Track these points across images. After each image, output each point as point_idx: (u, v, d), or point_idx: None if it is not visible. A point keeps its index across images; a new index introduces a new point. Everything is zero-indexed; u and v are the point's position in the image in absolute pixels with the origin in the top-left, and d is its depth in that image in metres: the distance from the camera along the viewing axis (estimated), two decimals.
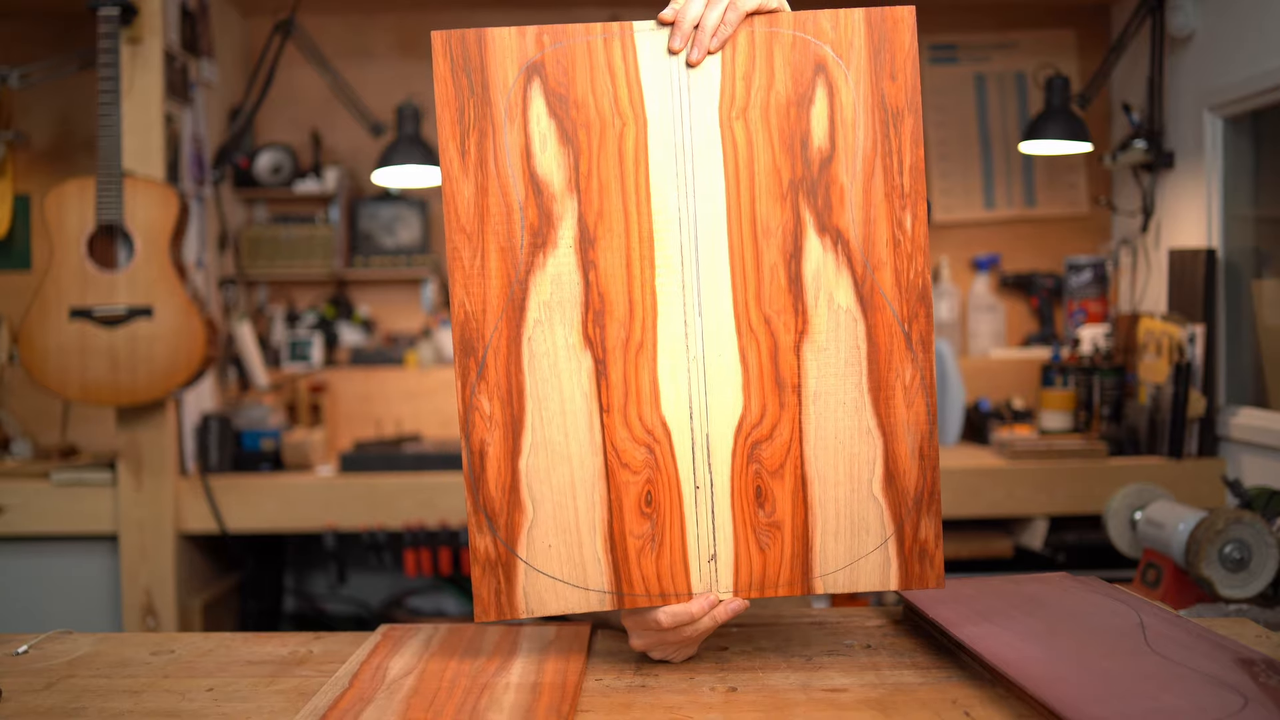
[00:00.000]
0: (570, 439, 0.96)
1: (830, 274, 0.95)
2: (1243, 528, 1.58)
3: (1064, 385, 2.95)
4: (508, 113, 0.94)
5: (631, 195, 0.95)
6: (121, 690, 1.00)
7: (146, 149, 2.58)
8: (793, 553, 0.98)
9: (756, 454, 0.96)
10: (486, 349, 0.97)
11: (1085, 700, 0.84)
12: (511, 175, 0.95)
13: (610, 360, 0.96)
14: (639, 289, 0.95)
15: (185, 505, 2.70)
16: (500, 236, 0.95)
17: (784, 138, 0.95)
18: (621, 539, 0.97)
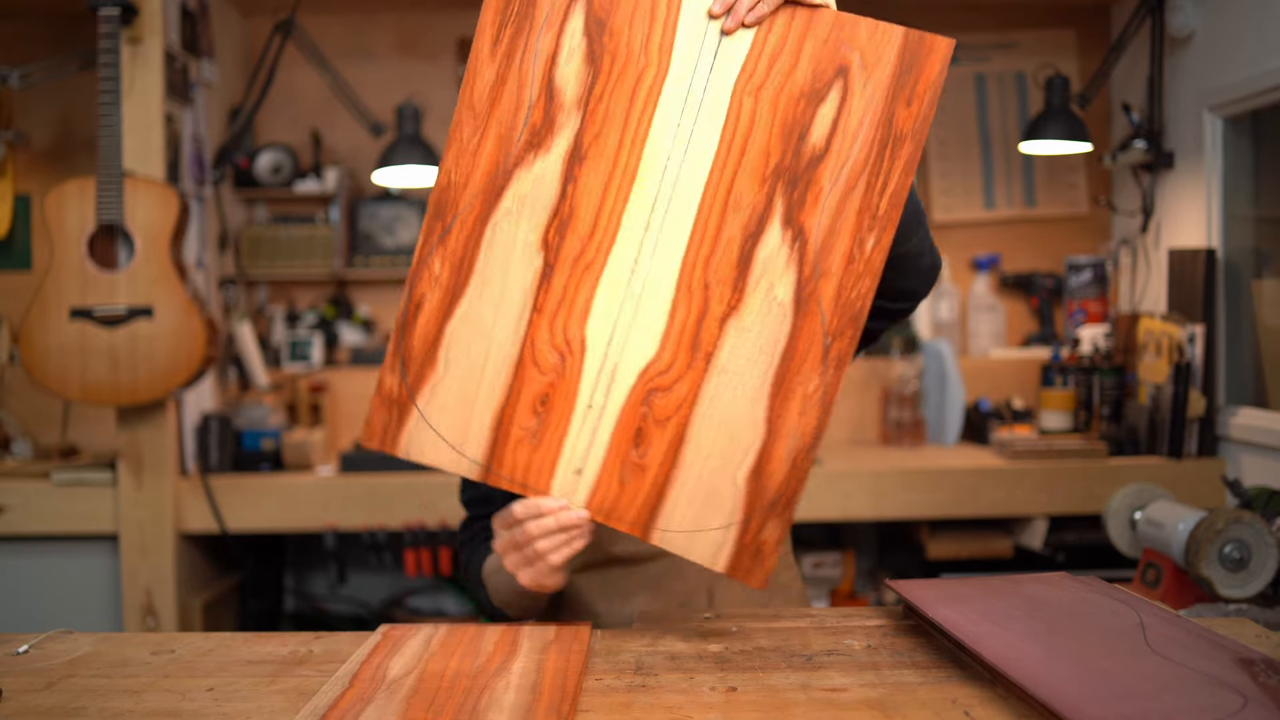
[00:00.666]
0: (498, 322, 1.02)
1: (779, 265, 0.98)
2: (1242, 528, 1.58)
3: (1064, 385, 2.95)
4: (548, 19, 0.99)
5: (630, 130, 0.99)
6: (122, 690, 1.00)
7: (147, 149, 2.58)
8: (646, 498, 1.03)
9: (651, 399, 1.01)
10: (456, 218, 1.02)
11: (1085, 700, 0.84)
12: (532, 75, 0.99)
13: (558, 268, 1.01)
14: (606, 215, 1.00)
15: (185, 505, 2.70)
16: (503, 125, 1.00)
17: (785, 125, 0.97)
18: (508, 424, 1.04)
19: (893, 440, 3.05)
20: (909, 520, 2.80)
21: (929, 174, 3.35)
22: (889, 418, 3.08)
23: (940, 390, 3.05)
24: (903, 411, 3.04)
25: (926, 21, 3.94)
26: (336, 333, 3.29)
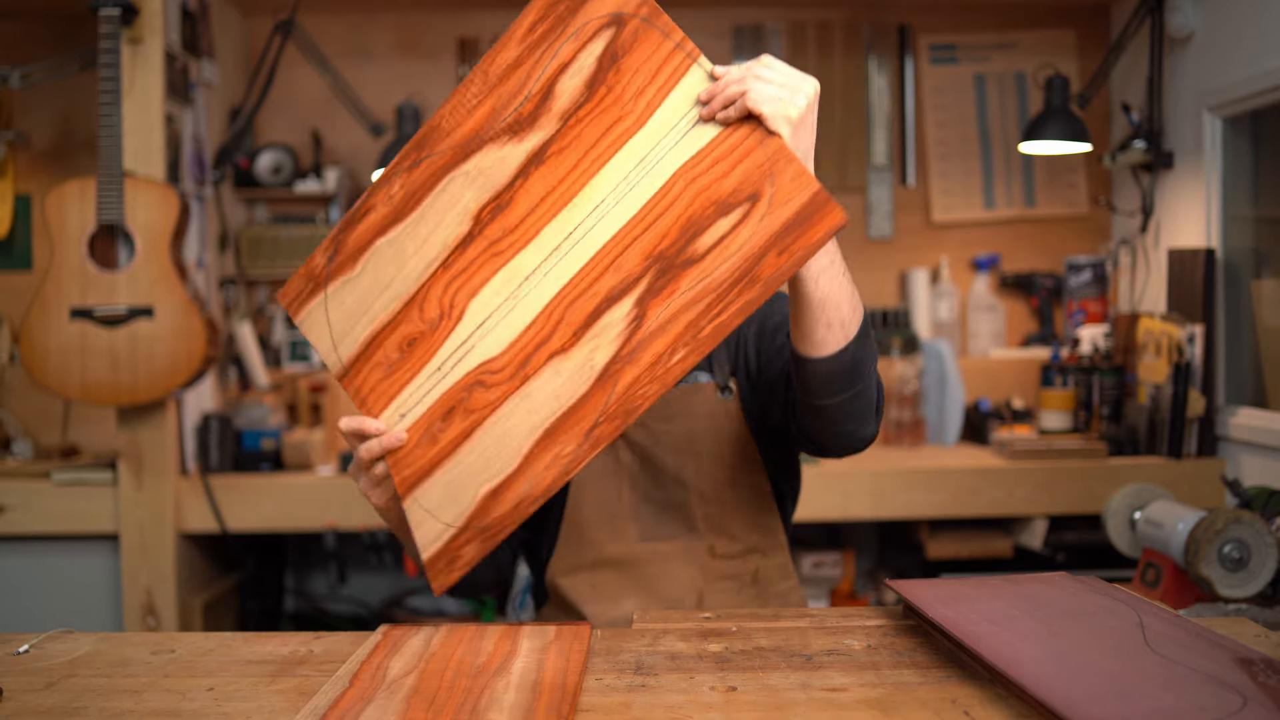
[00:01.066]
0: (412, 258, 1.13)
1: (611, 334, 1.05)
2: (1242, 527, 1.58)
3: (1064, 385, 2.95)
4: (579, 32, 1.05)
5: (588, 160, 1.06)
6: (122, 690, 1.00)
7: (147, 149, 2.58)
8: (423, 465, 1.14)
9: (473, 389, 1.12)
10: (428, 157, 1.10)
11: (1085, 700, 0.84)
12: (542, 72, 1.06)
13: (476, 242, 1.10)
14: (533, 220, 1.07)
15: (186, 505, 2.70)
16: (499, 100, 1.08)
17: (690, 220, 1.02)
18: (376, 347, 1.16)
19: (893, 440, 3.05)
20: (909, 520, 2.80)
21: (929, 174, 3.35)
22: (889, 418, 3.08)
23: (940, 390, 3.05)
24: (903, 411, 3.04)
25: (928, 21, 3.95)
26: None
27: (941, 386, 3.05)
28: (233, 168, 3.14)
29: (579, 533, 1.41)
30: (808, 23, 3.39)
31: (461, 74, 3.39)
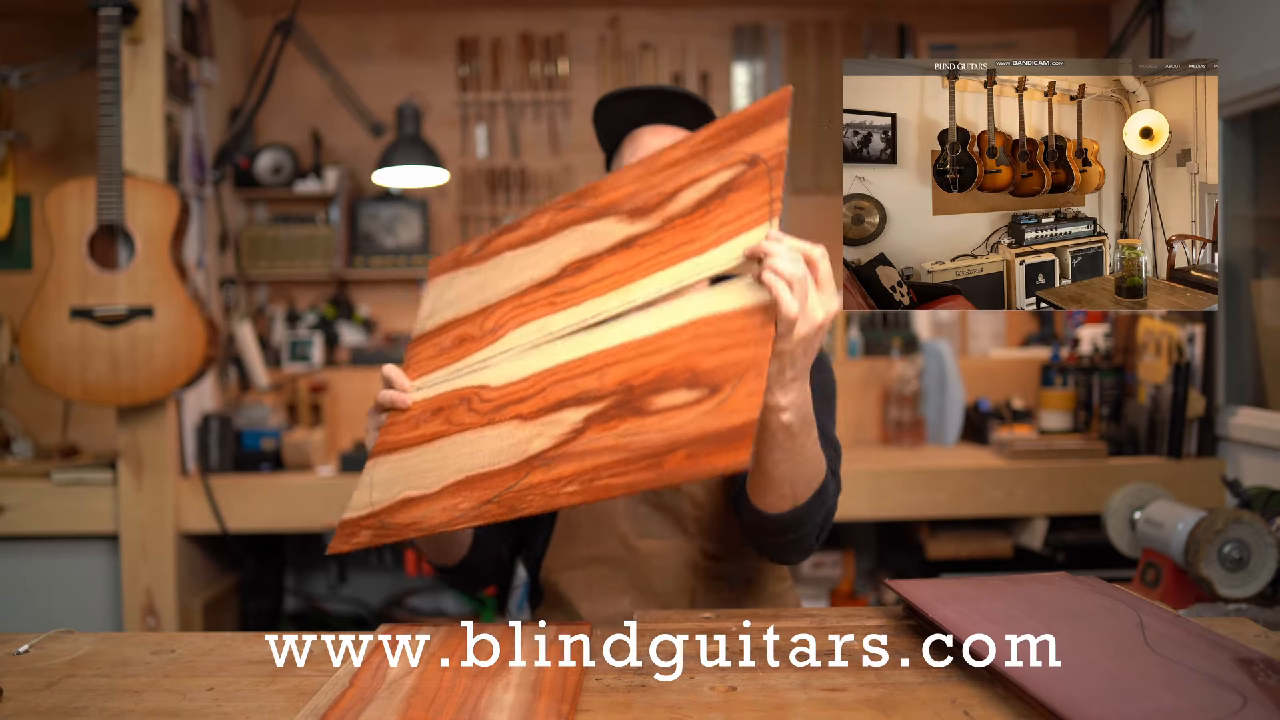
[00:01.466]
0: (512, 277, 1.20)
1: (555, 431, 1.04)
2: (1242, 527, 1.58)
3: (1063, 385, 2.95)
4: (724, 158, 1.05)
5: (650, 260, 1.06)
6: (122, 690, 1.00)
7: (147, 149, 2.58)
8: (395, 442, 1.21)
9: (462, 403, 1.17)
10: (575, 206, 1.16)
11: (1085, 700, 0.84)
12: (681, 178, 1.08)
13: (550, 286, 1.14)
14: (590, 289, 1.10)
15: (186, 505, 2.70)
16: (643, 186, 1.11)
17: (666, 373, 0.98)
18: (444, 331, 1.26)
19: (893, 440, 3.05)
20: (909, 520, 2.80)
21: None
22: (889, 417, 3.08)
23: (940, 390, 3.05)
24: (903, 411, 3.04)
25: (927, 21, 3.94)
26: (337, 333, 3.29)
27: (941, 386, 3.05)
28: (233, 168, 3.14)
29: (572, 530, 1.42)
30: (808, 22, 3.39)
31: (462, 74, 3.39)
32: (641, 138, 1.45)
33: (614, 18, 3.41)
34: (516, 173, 3.40)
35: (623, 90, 1.44)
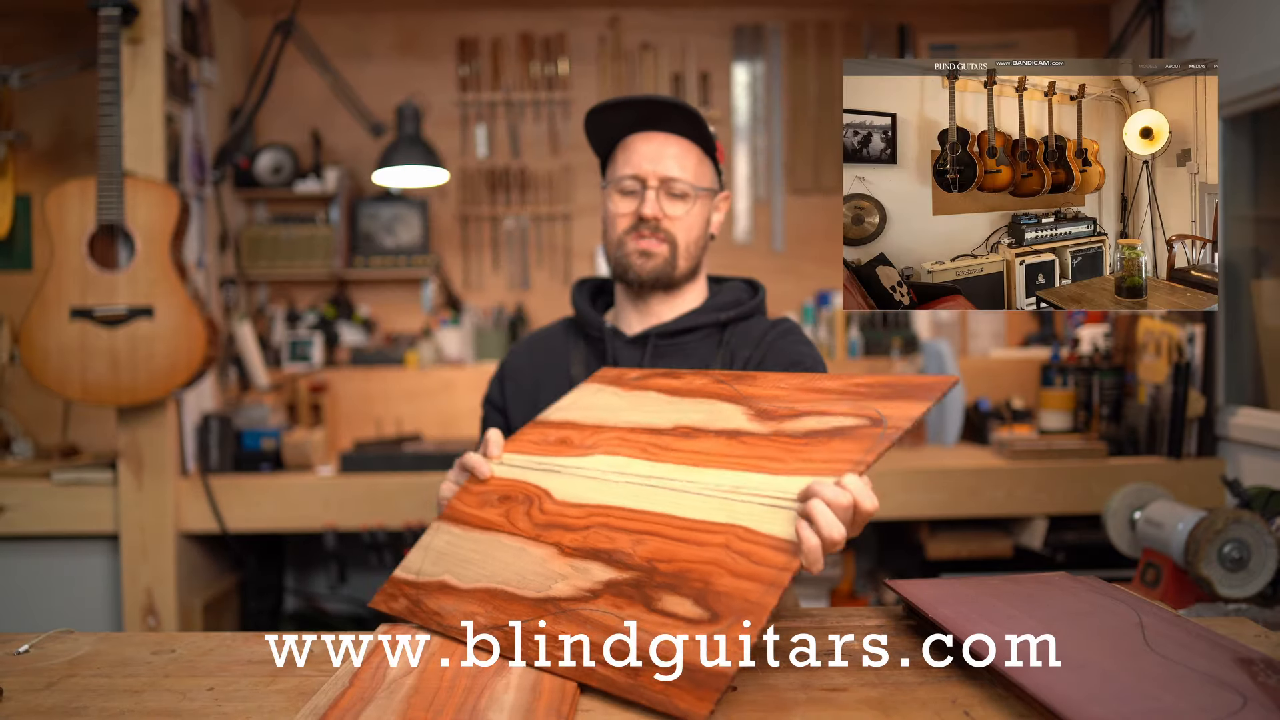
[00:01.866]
0: (636, 411, 1.22)
1: (577, 581, 1.04)
2: (1242, 527, 1.58)
3: (1063, 385, 2.95)
4: (858, 403, 1.04)
5: (736, 457, 1.05)
6: (122, 690, 1.00)
7: (147, 149, 2.58)
8: (462, 514, 1.25)
9: (526, 501, 1.20)
10: (724, 383, 1.20)
11: (1085, 700, 0.84)
12: (811, 406, 1.09)
13: (652, 435, 1.16)
14: (675, 453, 1.11)
15: (186, 505, 2.70)
16: (783, 395, 1.13)
17: (685, 571, 0.96)
18: (559, 426, 1.29)
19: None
20: (909, 520, 2.80)
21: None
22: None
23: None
24: None
25: (927, 21, 3.93)
26: (337, 333, 3.29)
27: None
28: (233, 168, 3.14)
29: None
30: (808, 23, 3.39)
31: (462, 74, 3.39)
32: (634, 144, 1.47)
33: (614, 18, 3.41)
34: (516, 173, 3.40)
35: (613, 101, 1.46)
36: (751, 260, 3.39)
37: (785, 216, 3.44)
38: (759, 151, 3.43)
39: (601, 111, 1.47)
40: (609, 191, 1.50)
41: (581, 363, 1.55)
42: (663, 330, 1.50)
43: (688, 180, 1.47)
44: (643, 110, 1.46)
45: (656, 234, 1.46)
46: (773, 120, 3.42)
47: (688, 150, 1.48)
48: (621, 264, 1.49)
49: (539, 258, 3.43)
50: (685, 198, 1.47)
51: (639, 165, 1.46)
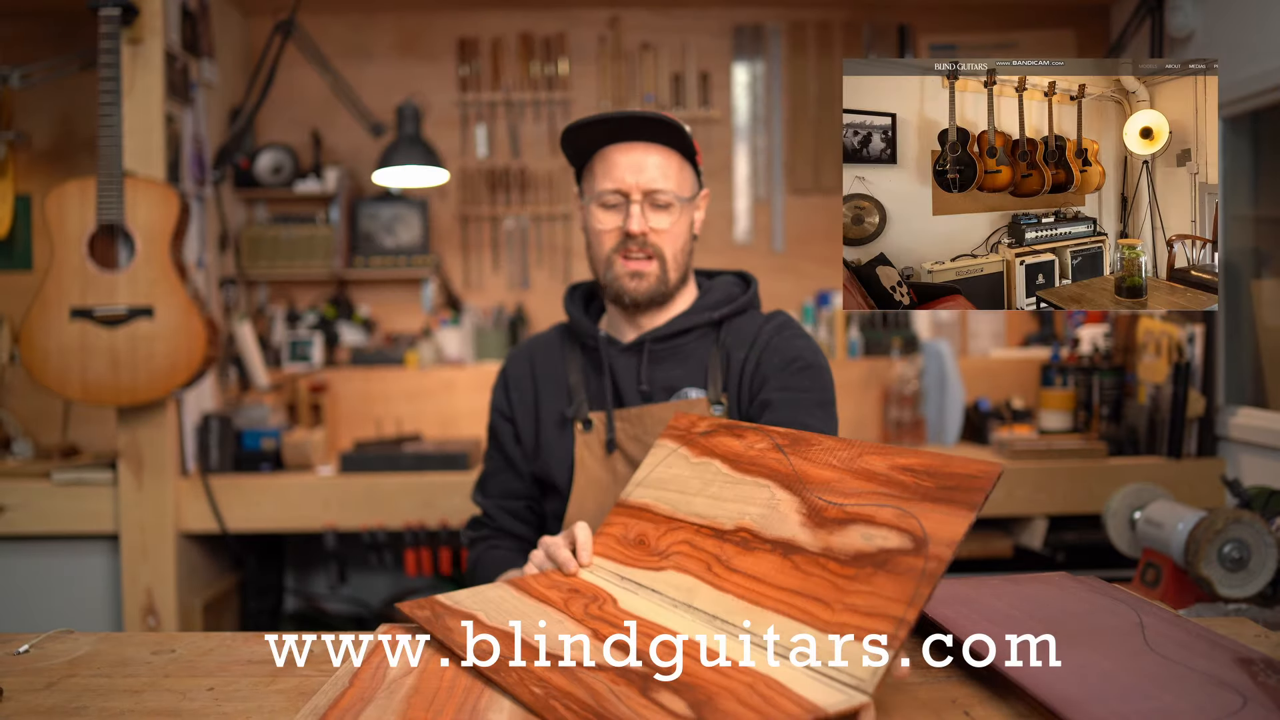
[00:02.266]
0: (706, 496, 1.18)
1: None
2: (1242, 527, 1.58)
3: (1063, 385, 2.95)
4: (915, 525, 0.99)
5: (786, 603, 0.99)
6: (122, 690, 1.00)
7: (147, 149, 2.59)
8: (536, 590, 1.23)
9: (593, 602, 1.16)
10: (792, 459, 1.13)
11: (1085, 700, 0.84)
12: (870, 507, 1.02)
13: (717, 539, 1.11)
14: (740, 578, 1.06)
15: (186, 505, 2.70)
16: (853, 499, 1.05)
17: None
18: (637, 515, 1.25)
19: (893, 440, 3.05)
20: None
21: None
22: (889, 417, 3.08)
23: (940, 390, 3.05)
24: (903, 411, 3.04)
25: (927, 21, 3.93)
26: (337, 333, 3.29)
27: (941, 386, 3.05)
28: (233, 168, 3.14)
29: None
30: (808, 23, 3.39)
31: (462, 74, 3.39)
32: (613, 156, 1.45)
33: (614, 18, 3.41)
34: (516, 173, 3.40)
35: (592, 118, 1.44)
36: (751, 260, 3.40)
37: (785, 216, 3.44)
38: (759, 151, 3.43)
39: (578, 129, 1.45)
40: (590, 207, 1.49)
41: (578, 371, 1.54)
42: (657, 335, 1.49)
43: (671, 190, 1.45)
44: (619, 123, 1.44)
45: (644, 250, 1.45)
46: (773, 120, 3.42)
47: (668, 158, 1.45)
48: (613, 286, 1.47)
49: (539, 258, 3.43)
50: (670, 208, 1.45)
51: (621, 178, 1.44)
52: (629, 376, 1.50)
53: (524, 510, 1.60)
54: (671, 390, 1.48)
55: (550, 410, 1.55)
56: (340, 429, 3.19)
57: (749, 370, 1.48)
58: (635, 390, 1.49)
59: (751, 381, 1.47)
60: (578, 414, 1.50)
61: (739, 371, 1.48)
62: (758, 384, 1.47)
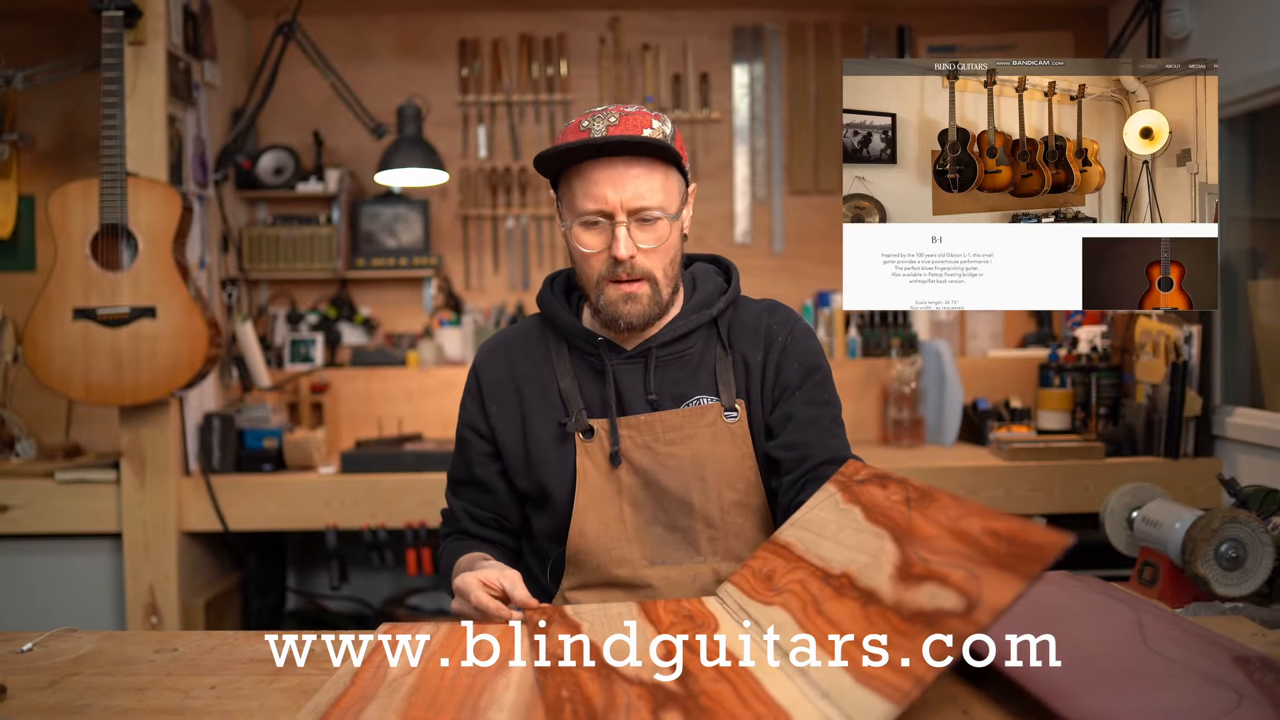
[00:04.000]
0: (835, 544, 1.15)
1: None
2: (1238, 526, 1.58)
3: (1061, 385, 2.96)
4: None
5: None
6: (125, 688, 1.01)
7: (150, 150, 2.59)
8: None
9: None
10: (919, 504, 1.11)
11: (1084, 699, 0.84)
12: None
13: (831, 586, 1.07)
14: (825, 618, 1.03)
15: (188, 504, 2.70)
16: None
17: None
18: (782, 550, 1.23)
19: (892, 439, 3.06)
20: None
21: None
22: (888, 417, 3.09)
23: (939, 390, 3.06)
24: (902, 411, 3.05)
25: (927, 23, 3.93)
26: (338, 333, 3.30)
27: (940, 386, 3.05)
28: (235, 168, 3.14)
29: (583, 556, 1.40)
30: (807, 24, 3.40)
31: (463, 75, 3.40)
32: (592, 173, 1.34)
33: (614, 19, 3.41)
34: (517, 173, 3.41)
35: (564, 145, 1.33)
36: (751, 260, 3.40)
37: (785, 217, 3.44)
38: (759, 152, 3.43)
39: (557, 154, 1.34)
40: (572, 228, 1.37)
41: (570, 375, 1.44)
42: (662, 341, 1.42)
43: (658, 205, 1.34)
44: (598, 146, 1.32)
45: (633, 274, 1.35)
46: (772, 121, 3.43)
47: (651, 169, 1.34)
48: (607, 312, 1.38)
49: (539, 258, 3.44)
50: (657, 223, 1.35)
51: (603, 197, 1.33)
52: (633, 384, 1.42)
53: (491, 521, 1.51)
54: (681, 398, 1.42)
55: (541, 421, 1.43)
56: (341, 429, 3.19)
57: (769, 376, 1.43)
58: (642, 399, 1.41)
59: (774, 388, 1.43)
60: (578, 424, 1.40)
61: (760, 375, 1.43)
62: (779, 391, 1.43)
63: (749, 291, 1.54)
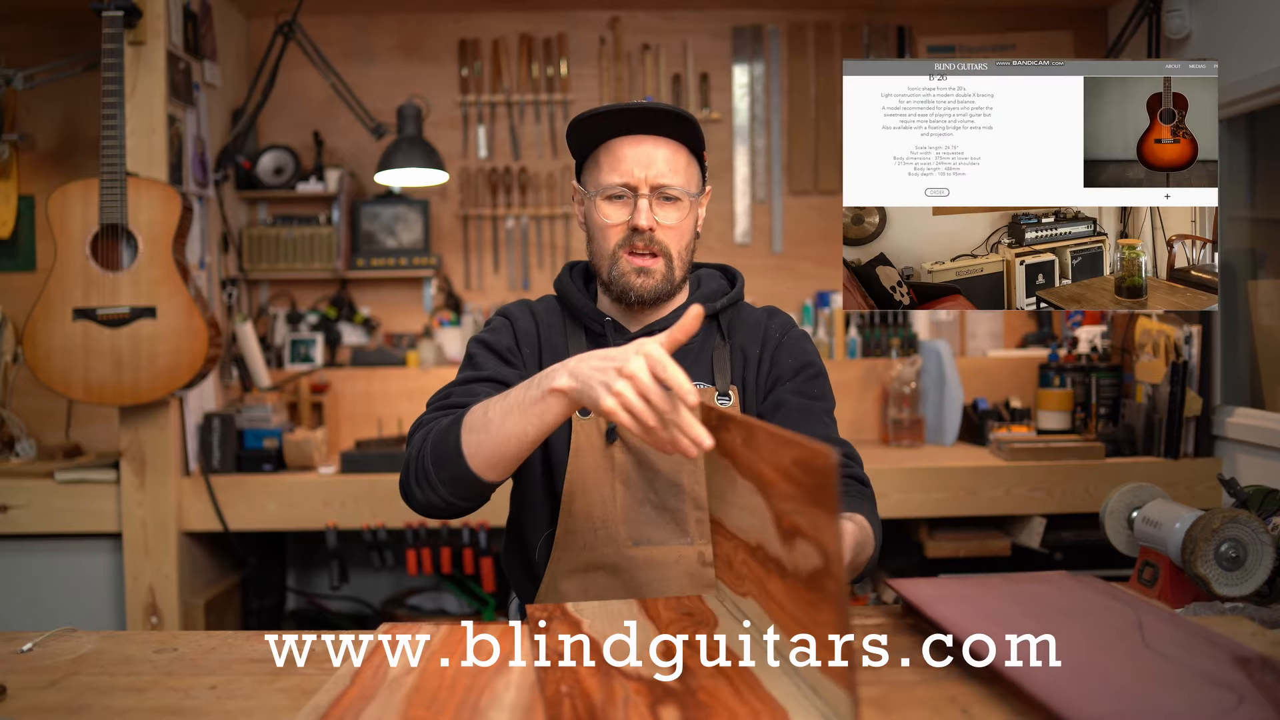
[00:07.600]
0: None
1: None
2: (1238, 526, 1.59)
3: (1061, 385, 2.96)
4: None
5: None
6: (125, 688, 1.01)
7: (149, 150, 2.59)
8: None
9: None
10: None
11: (1084, 699, 0.84)
12: None
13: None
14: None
15: (188, 504, 2.71)
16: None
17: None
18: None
19: (892, 439, 3.06)
20: (908, 519, 2.81)
21: None
22: (888, 417, 3.09)
23: (939, 390, 3.06)
24: (902, 411, 3.05)
25: (926, 23, 3.93)
26: (338, 333, 3.30)
27: (940, 386, 3.05)
28: (235, 168, 3.14)
29: (570, 536, 1.42)
30: (807, 24, 3.40)
31: (463, 75, 3.40)
32: (620, 149, 1.41)
33: (614, 19, 3.41)
34: (517, 173, 3.41)
35: (608, 107, 1.40)
36: (751, 260, 3.40)
37: (784, 217, 3.44)
38: (758, 152, 3.43)
39: (589, 118, 1.41)
40: (595, 200, 1.43)
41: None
42: (666, 326, 1.45)
43: (680, 184, 1.41)
44: (631, 115, 1.40)
45: (650, 246, 1.40)
46: (772, 121, 3.43)
47: (677, 152, 1.42)
48: (618, 283, 1.42)
49: (539, 258, 3.44)
50: (678, 203, 1.41)
51: (629, 172, 1.40)
52: None
53: None
54: None
55: None
56: (341, 429, 3.19)
57: (764, 368, 1.48)
58: None
59: (766, 379, 1.48)
60: None
61: (755, 367, 1.48)
62: (770, 382, 1.48)
63: (749, 290, 1.59)
